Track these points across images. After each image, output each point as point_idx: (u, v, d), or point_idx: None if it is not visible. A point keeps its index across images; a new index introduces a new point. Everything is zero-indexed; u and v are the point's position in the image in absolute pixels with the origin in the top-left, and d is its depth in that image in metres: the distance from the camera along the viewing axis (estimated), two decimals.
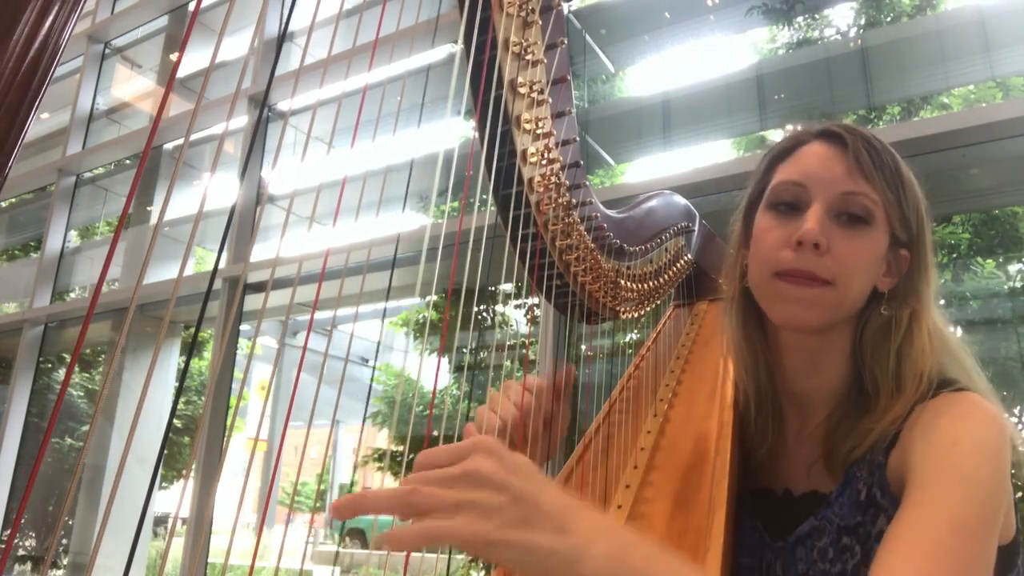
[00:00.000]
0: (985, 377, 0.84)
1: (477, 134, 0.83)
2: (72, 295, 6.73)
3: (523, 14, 0.82)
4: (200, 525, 4.04)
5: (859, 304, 0.85)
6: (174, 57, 6.32)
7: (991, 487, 0.69)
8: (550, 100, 0.86)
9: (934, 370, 0.81)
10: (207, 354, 8.08)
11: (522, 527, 0.50)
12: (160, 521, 8.16)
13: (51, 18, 0.47)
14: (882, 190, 0.83)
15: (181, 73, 6.56)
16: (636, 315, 1.12)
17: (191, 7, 6.36)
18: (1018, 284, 4.23)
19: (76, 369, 7.32)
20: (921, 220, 0.86)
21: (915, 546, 0.64)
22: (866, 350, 0.85)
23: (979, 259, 4.23)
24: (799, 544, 0.83)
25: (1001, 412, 0.76)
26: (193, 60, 6.43)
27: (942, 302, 0.91)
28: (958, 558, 0.63)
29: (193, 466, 4.86)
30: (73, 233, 6.60)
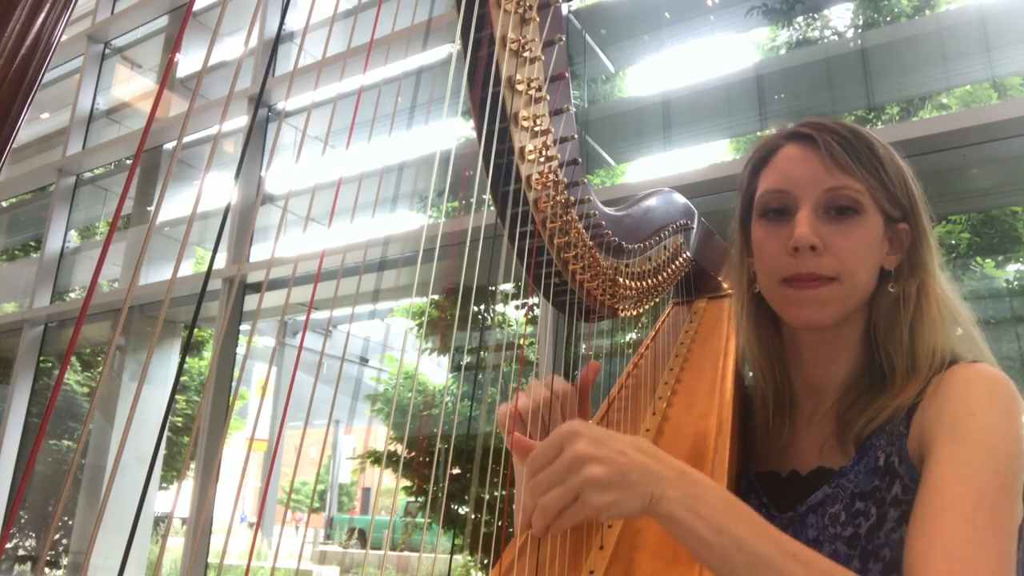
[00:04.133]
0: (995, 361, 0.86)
1: (475, 132, 0.83)
2: (72, 295, 6.73)
3: (520, 11, 0.81)
4: (199, 525, 4.04)
5: (870, 290, 0.87)
6: (175, 57, 6.32)
7: (1009, 451, 0.72)
8: (548, 97, 0.86)
9: (945, 344, 0.84)
10: (207, 353, 8.08)
11: (620, 485, 0.62)
12: (162, 520, 8.17)
13: (43, 16, 0.47)
14: (862, 177, 0.85)
15: (182, 73, 6.58)
16: (635, 313, 1.12)
17: (187, 6, 6.35)
18: (1016, 284, 4.23)
19: (78, 368, 7.32)
20: (909, 191, 0.88)
21: (940, 523, 0.67)
22: (879, 330, 0.87)
23: (978, 259, 4.22)
24: (811, 512, 0.85)
25: (1010, 381, 0.79)
26: (194, 60, 6.43)
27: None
28: (981, 529, 0.66)
29: (192, 466, 4.86)
30: (73, 233, 6.60)
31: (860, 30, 5.19)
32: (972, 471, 0.70)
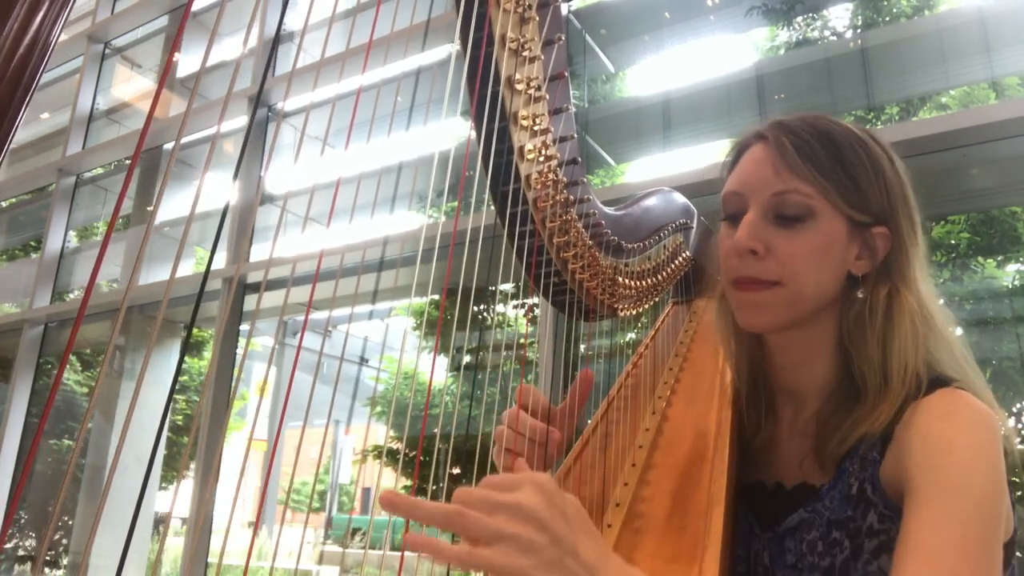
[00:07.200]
0: (978, 369, 0.84)
1: (474, 131, 0.83)
2: (72, 295, 6.72)
3: (520, 10, 0.82)
4: (199, 525, 4.04)
5: (827, 295, 0.85)
6: (174, 57, 6.32)
7: (990, 494, 0.69)
8: (547, 96, 0.86)
9: (921, 361, 0.81)
10: (207, 353, 8.08)
11: (555, 571, 0.52)
12: (161, 521, 8.17)
13: (41, 15, 0.47)
14: (815, 180, 0.82)
15: (182, 73, 6.58)
16: (634, 312, 1.12)
17: (187, 6, 6.36)
18: (1017, 283, 4.23)
19: (78, 368, 7.32)
20: (890, 194, 0.85)
21: (925, 572, 0.65)
22: (850, 337, 0.85)
23: (979, 259, 4.22)
24: (788, 536, 0.84)
25: (993, 409, 0.76)
26: (194, 60, 6.44)
27: (941, 301, 0.90)
28: None
29: (192, 466, 4.86)
30: (73, 233, 6.60)
31: (860, 30, 5.19)
32: (955, 519, 0.67)
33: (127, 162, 6.48)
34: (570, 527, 0.54)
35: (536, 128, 0.85)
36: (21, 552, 6.58)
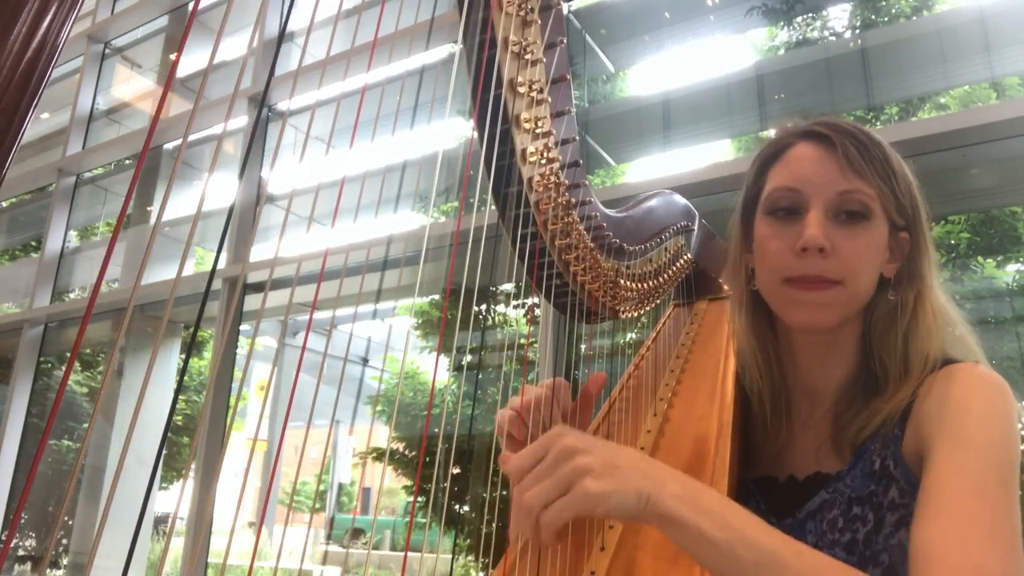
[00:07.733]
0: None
1: (476, 133, 0.83)
2: (72, 295, 6.73)
3: (522, 13, 0.82)
4: (200, 525, 4.04)
5: (869, 296, 0.87)
6: (174, 57, 6.32)
7: (1005, 448, 0.72)
8: (549, 99, 0.86)
9: (938, 350, 0.84)
10: (207, 353, 8.08)
11: (613, 475, 0.60)
12: (161, 521, 8.18)
13: (49, 17, 0.47)
14: (875, 183, 0.84)
15: (182, 73, 6.57)
16: (636, 314, 1.12)
17: (191, 7, 6.36)
18: (1017, 283, 4.23)
19: (77, 368, 7.32)
20: (915, 201, 0.88)
21: (944, 518, 0.67)
22: (874, 336, 0.87)
23: (979, 259, 4.23)
24: (809, 519, 0.85)
25: (1004, 382, 0.79)
26: (194, 60, 6.43)
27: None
28: (985, 521, 0.66)
29: (193, 466, 4.86)
30: (73, 233, 6.60)
31: (859, 30, 5.20)
32: (971, 467, 0.70)
33: (127, 162, 6.49)
34: (603, 443, 0.64)
35: (538, 131, 0.85)
36: (21, 552, 6.58)
